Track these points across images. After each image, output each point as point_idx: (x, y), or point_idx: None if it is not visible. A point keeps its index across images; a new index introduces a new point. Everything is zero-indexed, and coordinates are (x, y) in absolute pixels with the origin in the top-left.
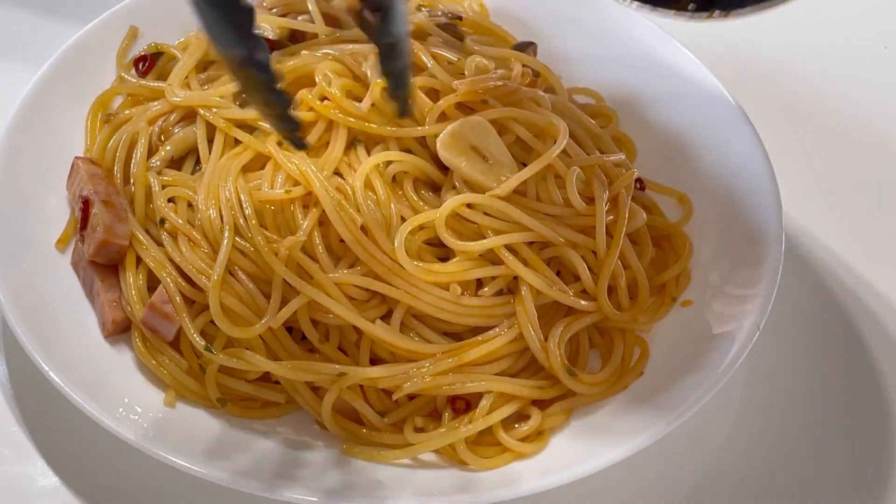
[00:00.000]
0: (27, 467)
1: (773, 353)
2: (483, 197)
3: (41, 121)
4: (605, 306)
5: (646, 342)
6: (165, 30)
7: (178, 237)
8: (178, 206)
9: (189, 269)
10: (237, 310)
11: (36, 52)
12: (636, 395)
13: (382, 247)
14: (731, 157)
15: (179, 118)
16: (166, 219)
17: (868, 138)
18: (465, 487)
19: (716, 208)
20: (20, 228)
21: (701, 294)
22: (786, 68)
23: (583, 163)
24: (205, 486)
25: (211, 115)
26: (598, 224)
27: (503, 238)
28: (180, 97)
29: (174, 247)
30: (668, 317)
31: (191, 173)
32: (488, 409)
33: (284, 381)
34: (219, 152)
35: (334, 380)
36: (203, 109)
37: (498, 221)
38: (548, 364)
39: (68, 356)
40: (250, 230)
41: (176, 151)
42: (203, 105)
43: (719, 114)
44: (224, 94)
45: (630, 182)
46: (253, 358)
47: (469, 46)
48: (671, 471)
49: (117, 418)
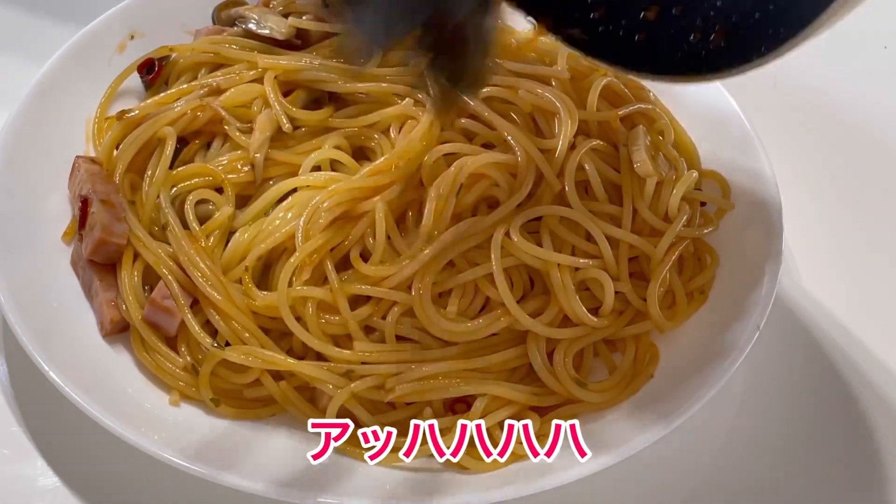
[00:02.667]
0: (27, 467)
1: (773, 352)
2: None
3: (43, 120)
4: (656, 317)
5: (655, 346)
6: (166, 30)
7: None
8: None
9: (192, 272)
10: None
11: (37, 52)
12: (635, 395)
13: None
14: (729, 157)
15: (205, 121)
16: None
17: (868, 138)
18: (463, 487)
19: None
20: (21, 228)
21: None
22: (785, 68)
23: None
24: (204, 485)
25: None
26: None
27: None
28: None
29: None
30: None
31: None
32: (482, 412)
33: (277, 393)
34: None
35: (338, 381)
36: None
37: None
38: (558, 387)
39: (68, 355)
40: None
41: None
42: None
43: (718, 114)
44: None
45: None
46: (258, 353)
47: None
48: (671, 471)
49: (117, 418)
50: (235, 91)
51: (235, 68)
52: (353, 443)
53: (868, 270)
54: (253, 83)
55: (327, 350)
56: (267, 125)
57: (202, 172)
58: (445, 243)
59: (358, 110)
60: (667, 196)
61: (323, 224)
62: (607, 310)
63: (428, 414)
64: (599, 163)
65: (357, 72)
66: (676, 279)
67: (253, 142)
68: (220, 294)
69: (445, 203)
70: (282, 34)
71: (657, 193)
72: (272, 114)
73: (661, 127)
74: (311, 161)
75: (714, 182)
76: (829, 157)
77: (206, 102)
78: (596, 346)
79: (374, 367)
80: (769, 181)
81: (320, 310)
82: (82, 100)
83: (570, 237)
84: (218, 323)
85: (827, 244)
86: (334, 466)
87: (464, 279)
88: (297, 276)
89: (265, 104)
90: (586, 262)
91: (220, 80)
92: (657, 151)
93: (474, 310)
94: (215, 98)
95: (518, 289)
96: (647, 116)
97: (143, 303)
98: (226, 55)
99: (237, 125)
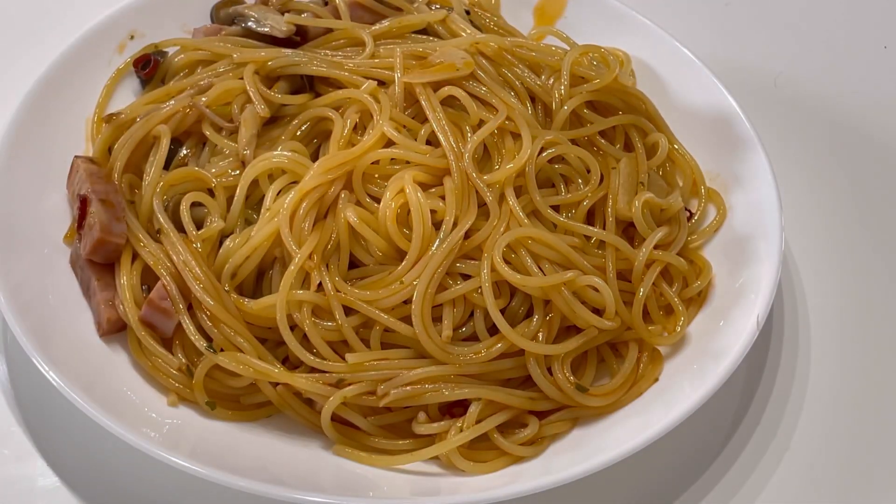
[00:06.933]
0: (27, 467)
1: (773, 352)
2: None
3: (43, 120)
4: (643, 330)
5: (658, 350)
6: (165, 30)
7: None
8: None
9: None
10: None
11: (37, 52)
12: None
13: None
14: (730, 157)
15: (194, 119)
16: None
17: (868, 138)
18: (462, 487)
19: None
20: (20, 228)
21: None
22: (786, 68)
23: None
24: (203, 484)
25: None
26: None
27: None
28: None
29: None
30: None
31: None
32: (477, 417)
33: (275, 398)
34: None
35: (331, 392)
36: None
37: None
38: (559, 396)
39: (67, 355)
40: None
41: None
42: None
43: (718, 115)
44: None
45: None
46: (251, 363)
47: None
48: (671, 471)
49: (116, 418)
50: (218, 87)
51: (218, 65)
52: (353, 443)
53: (868, 270)
54: (237, 80)
55: (320, 365)
56: (251, 122)
57: (194, 177)
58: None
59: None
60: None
61: (308, 227)
62: (611, 311)
63: (423, 418)
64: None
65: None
66: (668, 290)
67: (241, 139)
68: (213, 300)
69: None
70: (282, 32)
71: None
72: (255, 109)
73: (653, 140)
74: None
75: (714, 180)
76: (829, 156)
77: (194, 101)
78: (599, 349)
79: (365, 374)
80: (769, 181)
81: (315, 315)
82: (82, 100)
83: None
84: (210, 330)
85: (827, 243)
86: (334, 466)
87: (453, 294)
88: (296, 281)
89: (247, 100)
90: (576, 273)
91: (208, 78)
92: (646, 175)
93: (464, 317)
94: (201, 97)
95: (505, 295)
96: (638, 129)
97: (141, 303)
98: (216, 51)
99: (224, 124)
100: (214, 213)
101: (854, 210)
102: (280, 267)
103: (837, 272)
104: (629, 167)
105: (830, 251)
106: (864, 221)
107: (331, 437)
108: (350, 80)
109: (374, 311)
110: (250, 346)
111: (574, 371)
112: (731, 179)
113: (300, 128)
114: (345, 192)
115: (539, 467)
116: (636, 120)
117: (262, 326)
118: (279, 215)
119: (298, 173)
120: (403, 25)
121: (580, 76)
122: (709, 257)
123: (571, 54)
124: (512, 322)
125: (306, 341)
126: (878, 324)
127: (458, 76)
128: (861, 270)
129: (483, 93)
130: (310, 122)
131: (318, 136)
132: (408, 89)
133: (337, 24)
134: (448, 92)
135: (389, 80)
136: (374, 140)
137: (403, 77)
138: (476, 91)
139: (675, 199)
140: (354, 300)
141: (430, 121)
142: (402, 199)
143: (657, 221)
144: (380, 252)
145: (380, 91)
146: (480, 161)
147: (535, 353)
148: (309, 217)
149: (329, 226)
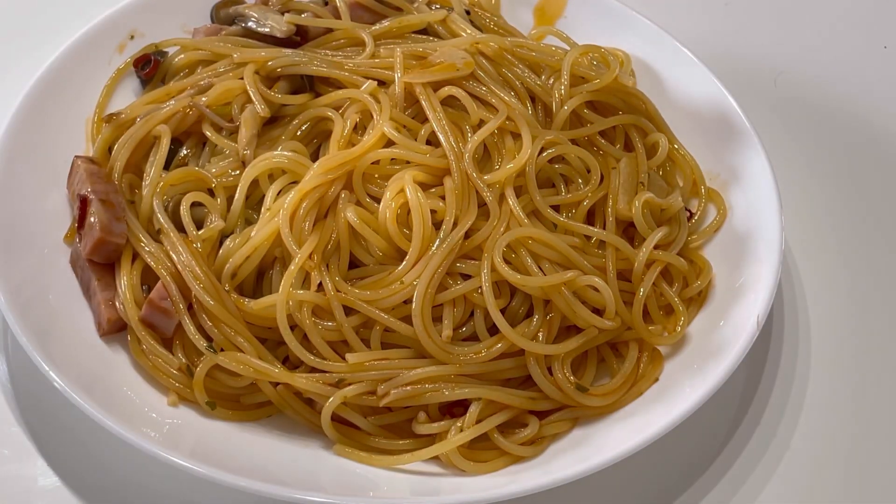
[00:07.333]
0: (27, 467)
1: (773, 352)
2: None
3: (43, 120)
4: (643, 331)
5: (658, 349)
6: (165, 30)
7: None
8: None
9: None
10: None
11: (37, 52)
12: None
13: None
14: (730, 157)
15: (194, 119)
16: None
17: (868, 138)
18: (462, 487)
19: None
20: (20, 228)
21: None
22: (785, 68)
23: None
24: (202, 484)
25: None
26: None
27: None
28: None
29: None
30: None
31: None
32: (477, 417)
33: (275, 398)
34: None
35: (331, 392)
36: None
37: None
38: (559, 396)
39: (67, 355)
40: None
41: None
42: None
43: (718, 114)
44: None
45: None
46: (251, 363)
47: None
48: (671, 471)
49: (116, 417)
50: (218, 87)
51: (219, 65)
52: (353, 443)
53: (868, 269)
54: (237, 80)
55: (320, 365)
56: (251, 122)
57: (194, 177)
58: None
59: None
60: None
61: (308, 227)
62: (611, 311)
63: (423, 418)
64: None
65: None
66: (668, 290)
67: (241, 139)
68: (214, 299)
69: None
70: (282, 32)
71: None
72: (255, 109)
73: (653, 139)
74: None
75: (714, 180)
76: (828, 156)
77: (194, 101)
78: (599, 349)
79: (365, 374)
80: (769, 181)
81: (315, 315)
82: (82, 100)
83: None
84: (210, 329)
85: (827, 243)
86: (334, 466)
87: (453, 294)
88: (296, 281)
89: (247, 100)
90: (577, 273)
91: (209, 78)
92: (646, 175)
93: (464, 317)
94: (202, 97)
95: (505, 295)
96: (638, 129)
97: (141, 303)
98: (216, 51)
99: (224, 124)
100: (214, 213)
101: (854, 210)
102: (280, 267)
103: (837, 272)
104: (629, 167)
105: (830, 251)
106: (864, 221)
107: (331, 437)
108: (350, 80)
109: (375, 311)
110: (250, 345)
111: (574, 371)
112: (731, 179)
113: (300, 128)
114: (345, 192)
115: (539, 467)
116: (636, 120)
117: (262, 326)
118: (279, 215)
119: (298, 173)
120: (403, 25)
121: (580, 76)
122: (709, 257)
123: (571, 54)
124: (512, 322)
125: (306, 341)
126: (877, 324)
127: (458, 76)
128: (861, 270)
129: (483, 93)
130: (310, 122)
131: (319, 136)
132: (408, 89)
133: (337, 24)
134: (448, 92)
135: (389, 80)
136: (374, 140)
137: (403, 77)
138: (476, 91)
139: (675, 199)
140: (355, 300)
141: (430, 121)
142: (403, 199)
143: (657, 221)
144: (380, 252)
145: (380, 91)
146: (480, 161)
147: (536, 353)
148: (309, 217)
149: (329, 226)
